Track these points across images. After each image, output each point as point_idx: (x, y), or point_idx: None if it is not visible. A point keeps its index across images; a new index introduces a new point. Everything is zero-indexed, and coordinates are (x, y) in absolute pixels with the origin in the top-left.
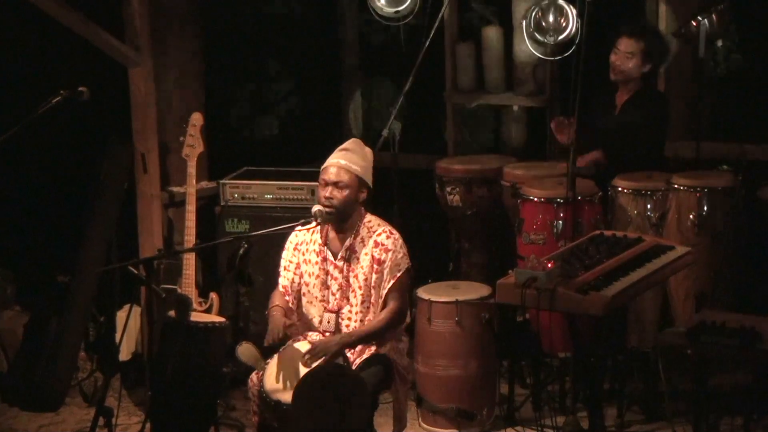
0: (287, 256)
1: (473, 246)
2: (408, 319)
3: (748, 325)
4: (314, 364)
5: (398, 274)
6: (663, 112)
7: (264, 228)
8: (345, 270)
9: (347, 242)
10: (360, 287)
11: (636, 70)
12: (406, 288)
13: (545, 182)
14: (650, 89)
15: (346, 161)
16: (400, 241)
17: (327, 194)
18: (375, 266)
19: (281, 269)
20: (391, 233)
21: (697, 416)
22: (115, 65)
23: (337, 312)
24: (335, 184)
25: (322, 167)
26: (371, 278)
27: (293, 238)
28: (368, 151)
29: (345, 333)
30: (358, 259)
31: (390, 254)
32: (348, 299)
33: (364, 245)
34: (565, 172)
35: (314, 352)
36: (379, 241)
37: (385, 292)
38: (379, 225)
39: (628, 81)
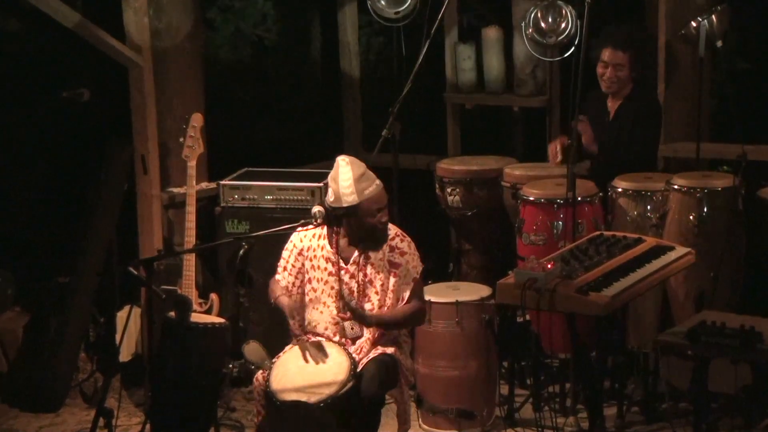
0: (288, 257)
1: (473, 247)
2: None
3: (748, 325)
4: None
5: (417, 276)
6: (656, 118)
7: (264, 229)
8: (359, 276)
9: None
10: (377, 292)
11: (626, 80)
12: (422, 289)
13: (545, 183)
14: (643, 93)
15: (377, 179)
16: (413, 243)
17: (384, 219)
18: (392, 270)
19: (281, 268)
20: (404, 236)
21: (697, 416)
22: (115, 65)
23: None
24: (386, 206)
25: (363, 199)
26: (388, 283)
27: (297, 243)
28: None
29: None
30: (373, 264)
31: (407, 257)
32: (363, 306)
33: (379, 250)
34: (564, 173)
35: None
36: (394, 245)
37: (403, 295)
38: (389, 229)
39: (620, 90)
